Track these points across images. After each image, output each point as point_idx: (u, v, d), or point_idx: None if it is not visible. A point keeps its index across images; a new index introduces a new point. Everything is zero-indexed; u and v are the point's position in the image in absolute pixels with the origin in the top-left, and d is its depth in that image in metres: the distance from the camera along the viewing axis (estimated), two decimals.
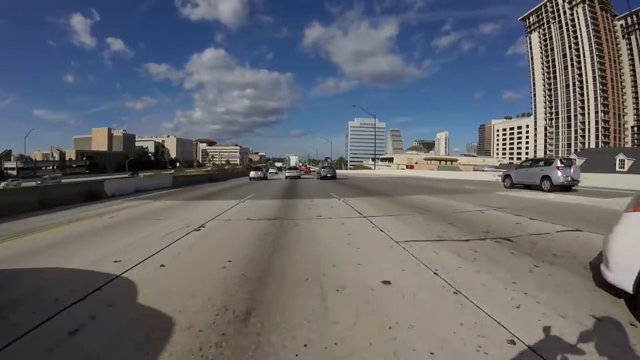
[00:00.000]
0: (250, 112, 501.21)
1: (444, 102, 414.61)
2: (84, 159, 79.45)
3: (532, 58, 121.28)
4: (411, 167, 48.41)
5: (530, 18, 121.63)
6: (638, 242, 2.41)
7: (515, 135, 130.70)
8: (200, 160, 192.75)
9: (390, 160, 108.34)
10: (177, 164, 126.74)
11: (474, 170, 43.23)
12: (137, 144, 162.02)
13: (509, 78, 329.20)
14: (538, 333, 2.16)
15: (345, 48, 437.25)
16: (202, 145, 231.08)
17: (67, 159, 75.55)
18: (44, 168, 67.85)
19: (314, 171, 51.01)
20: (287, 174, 32.41)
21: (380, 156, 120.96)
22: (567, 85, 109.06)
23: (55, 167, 68.80)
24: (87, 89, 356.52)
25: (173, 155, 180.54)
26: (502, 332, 2.19)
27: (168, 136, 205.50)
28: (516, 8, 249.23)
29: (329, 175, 28.28)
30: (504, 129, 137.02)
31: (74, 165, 77.53)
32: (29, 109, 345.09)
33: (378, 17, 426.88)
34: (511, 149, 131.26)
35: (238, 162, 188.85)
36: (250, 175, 29.57)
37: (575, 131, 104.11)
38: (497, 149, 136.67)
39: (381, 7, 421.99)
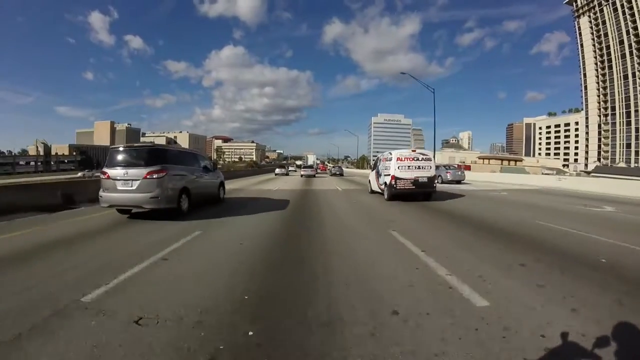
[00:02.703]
0: (270, 110, 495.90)
1: (464, 102, 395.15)
2: (74, 154, 73.09)
3: (581, 45, 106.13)
4: (467, 167, 37.56)
5: (578, 1, 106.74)
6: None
7: (562, 134, 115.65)
8: (211, 157, 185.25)
9: None
10: None
11: (542, 174, 32.72)
12: (148, 139, 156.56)
13: (532, 77, 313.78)
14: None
15: (366, 46, 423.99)
16: (217, 142, 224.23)
17: (53, 153, 68.98)
18: (22, 163, 61.89)
19: (329, 170, 56.99)
20: (302, 173, 34.89)
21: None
22: (626, 76, 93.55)
23: (39, 162, 62.75)
24: (107, 87, 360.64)
25: None
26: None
27: (180, 132, 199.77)
28: (539, 7, 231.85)
29: (337, 172, 39.49)
30: (548, 127, 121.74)
31: (66, 161, 70.66)
32: (50, 106, 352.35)
33: (400, 13, 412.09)
34: (556, 148, 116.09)
35: (254, 158, 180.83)
36: (276, 172, 39.37)
37: (637, 129, 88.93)
38: (540, 149, 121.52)
39: (403, 4, 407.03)
